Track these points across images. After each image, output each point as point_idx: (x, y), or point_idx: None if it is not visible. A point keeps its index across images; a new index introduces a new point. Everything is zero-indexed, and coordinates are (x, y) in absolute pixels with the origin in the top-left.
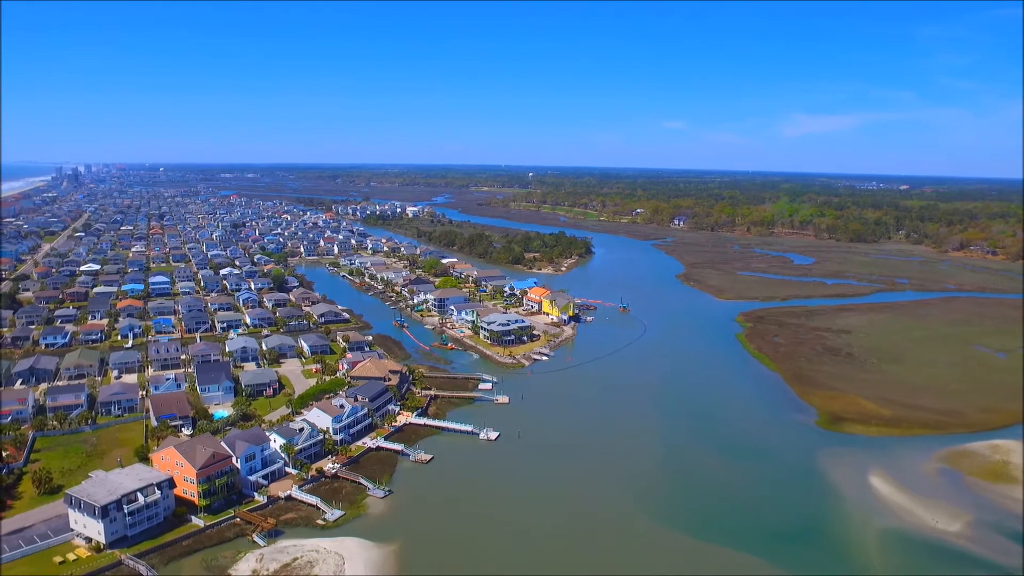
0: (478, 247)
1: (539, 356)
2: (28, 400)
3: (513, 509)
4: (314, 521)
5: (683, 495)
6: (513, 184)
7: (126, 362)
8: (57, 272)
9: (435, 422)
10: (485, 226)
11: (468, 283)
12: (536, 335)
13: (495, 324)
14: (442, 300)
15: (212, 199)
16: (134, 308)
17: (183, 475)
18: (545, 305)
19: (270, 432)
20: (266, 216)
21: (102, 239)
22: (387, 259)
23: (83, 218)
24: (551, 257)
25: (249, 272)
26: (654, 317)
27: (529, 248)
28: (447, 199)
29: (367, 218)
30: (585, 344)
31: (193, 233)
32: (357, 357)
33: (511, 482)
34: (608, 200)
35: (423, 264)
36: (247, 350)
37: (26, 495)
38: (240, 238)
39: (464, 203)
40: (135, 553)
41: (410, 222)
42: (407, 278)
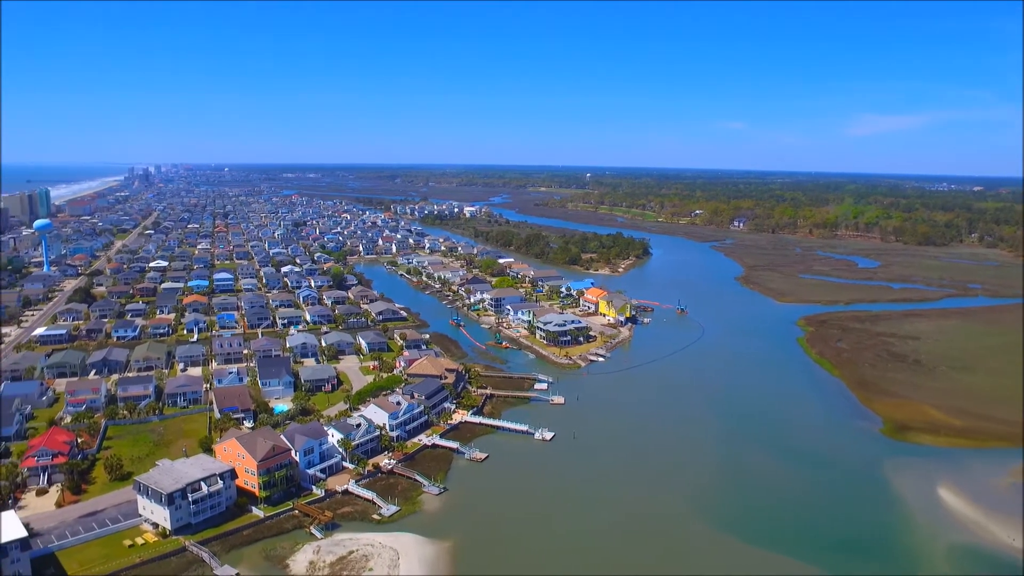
0: (535, 247)
1: (595, 357)
2: (101, 390)
3: (567, 509)
4: (370, 516)
5: (739, 499)
6: (571, 184)
7: (191, 355)
8: (128, 268)
9: (490, 421)
10: (542, 226)
11: (525, 283)
12: (592, 336)
13: (551, 324)
14: (499, 300)
15: (274, 198)
16: (199, 304)
17: (244, 466)
18: (602, 306)
19: (328, 427)
20: (326, 215)
21: (170, 237)
22: (444, 258)
23: (153, 216)
24: (608, 258)
25: (309, 270)
26: (712, 320)
27: (586, 249)
28: (504, 199)
29: (425, 218)
30: (642, 346)
31: (256, 231)
32: (414, 355)
33: (565, 482)
34: (666, 201)
35: (480, 264)
36: (307, 346)
37: (99, 480)
38: (301, 237)
39: (521, 203)
40: (198, 540)
41: (467, 222)
42: (464, 277)
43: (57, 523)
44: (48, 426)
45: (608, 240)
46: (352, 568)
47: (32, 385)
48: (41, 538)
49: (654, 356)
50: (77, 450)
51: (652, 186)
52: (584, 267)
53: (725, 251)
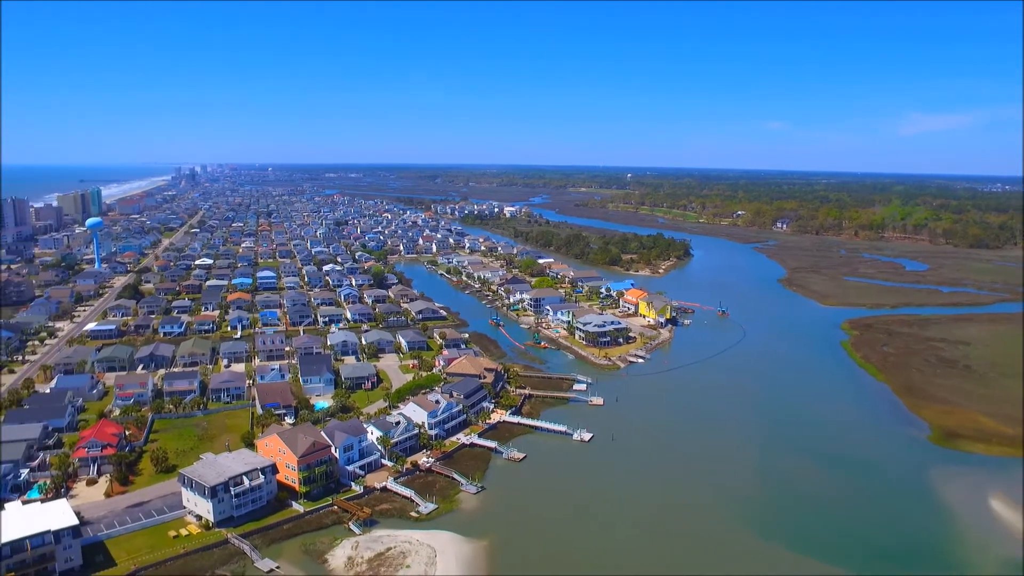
0: (575, 248)
1: (635, 358)
2: (148, 384)
3: (604, 511)
4: (408, 513)
5: (781, 505)
6: (611, 185)
7: (235, 352)
8: (175, 266)
9: (529, 421)
10: (582, 227)
11: (564, 283)
12: (632, 337)
13: (591, 325)
14: (538, 300)
15: (317, 198)
16: (243, 301)
17: (285, 462)
18: (642, 307)
19: (368, 424)
20: (367, 215)
21: (215, 235)
22: (484, 258)
23: (198, 215)
24: (648, 259)
25: (351, 269)
26: (754, 322)
27: (626, 249)
28: (544, 199)
29: (465, 217)
30: (682, 348)
31: (298, 230)
32: (453, 354)
33: (603, 484)
34: (708, 202)
35: (520, 264)
36: (347, 344)
37: (146, 472)
38: (342, 236)
39: (561, 204)
40: (240, 533)
41: (507, 222)
42: (503, 277)
43: (106, 512)
44: (98, 418)
45: (648, 241)
46: (390, 564)
47: (83, 378)
48: (91, 526)
49: (694, 358)
50: (125, 442)
51: (693, 187)
52: (624, 268)
53: (767, 253)
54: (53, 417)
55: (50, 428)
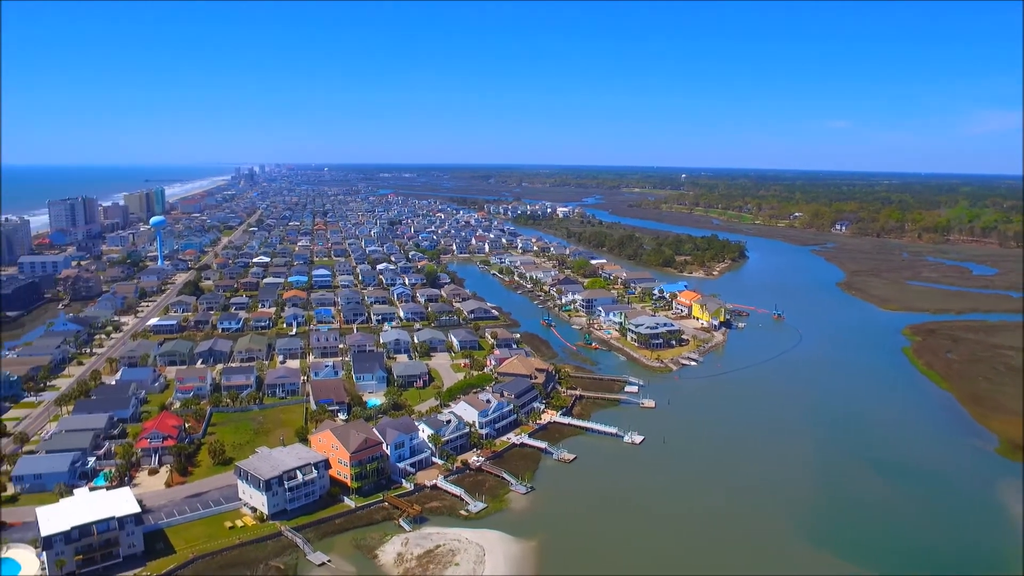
0: (627, 248)
1: (687, 361)
2: (207, 378)
3: (654, 514)
4: (457, 511)
5: (836, 515)
6: (665, 186)
7: (290, 348)
8: (233, 263)
9: (580, 422)
10: (635, 227)
11: (617, 284)
12: (685, 339)
13: (643, 327)
14: (590, 301)
15: (371, 197)
16: (298, 299)
17: (337, 457)
18: (695, 309)
19: (419, 422)
20: (421, 214)
21: (272, 234)
22: (536, 258)
23: (256, 214)
24: (703, 260)
25: (404, 268)
26: (810, 326)
27: (680, 251)
28: (597, 200)
29: (518, 218)
30: (736, 351)
31: (353, 229)
32: (504, 354)
33: (654, 487)
34: (764, 203)
35: (572, 264)
36: (400, 342)
37: (203, 464)
38: (396, 235)
39: (614, 204)
40: (293, 526)
41: (560, 222)
42: (556, 278)
43: (166, 501)
44: (159, 410)
45: (703, 242)
46: (439, 562)
47: (146, 371)
48: (152, 514)
49: (748, 362)
50: (185, 434)
51: (749, 188)
52: (677, 269)
53: (826, 255)
54: (118, 408)
55: (115, 419)
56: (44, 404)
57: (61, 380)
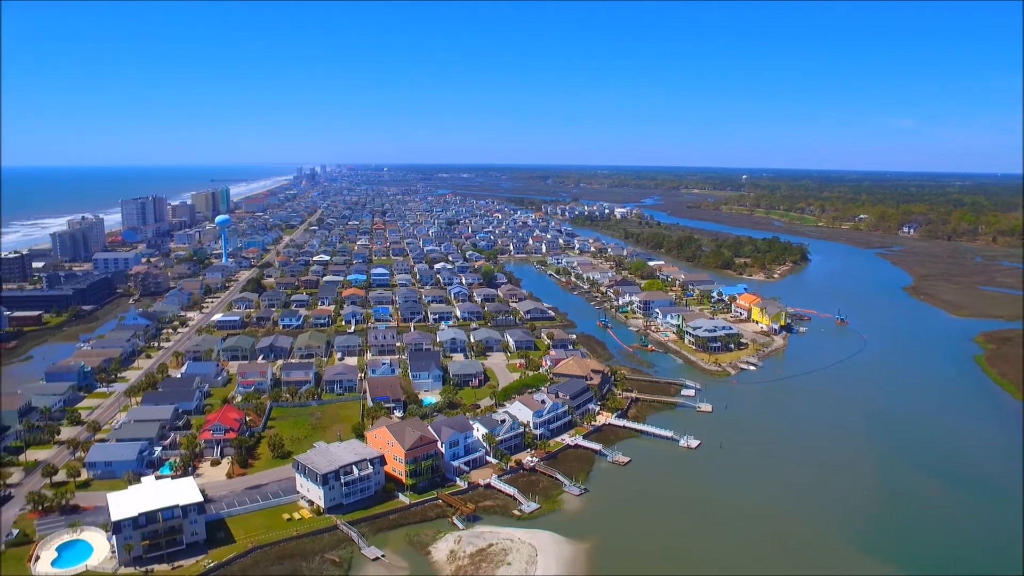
0: (686, 250)
1: (746, 365)
2: (267, 374)
3: (709, 520)
4: (510, 511)
5: (897, 526)
6: (725, 187)
7: (348, 345)
8: (294, 261)
9: (635, 425)
10: (694, 229)
11: (674, 286)
12: (744, 343)
13: (701, 329)
14: (647, 302)
15: (430, 197)
16: (357, 297)
17: (393, 454)
18: (755, 313)
19: (473, 421)
20: (479, 214)
21: (332, 233)
22: (593, 259)
23: (317, 213)
24: (763, 263)
25: (461, 267)
26: (875, 331)
27: (740, 253)
28: (656, 201)
29: (575, 218)
30: (796, 356)
31: (411, 229)
32: (560, 354)
33: (709, 493)
34: (828, 205)
35: (629, 265)
36: (456, 341)
37: (263, 457)
38: (454, 235)
39: (673, 205)
40: (348, 520)
41: (618, 223)
42: (613, 279)
43: (227, 492)
44: (222, 403)
45: (763, 244)
46: (491, 561)
47: (210, 365)
48: (214, 504)
49: (809, 367)
50: (245, 427)
51: (812, 189)
52: (737, 272)
53: (892, 259)
54: (183, 400)
55: (180, 410)
56: (115, 395)
57: (131, 372)
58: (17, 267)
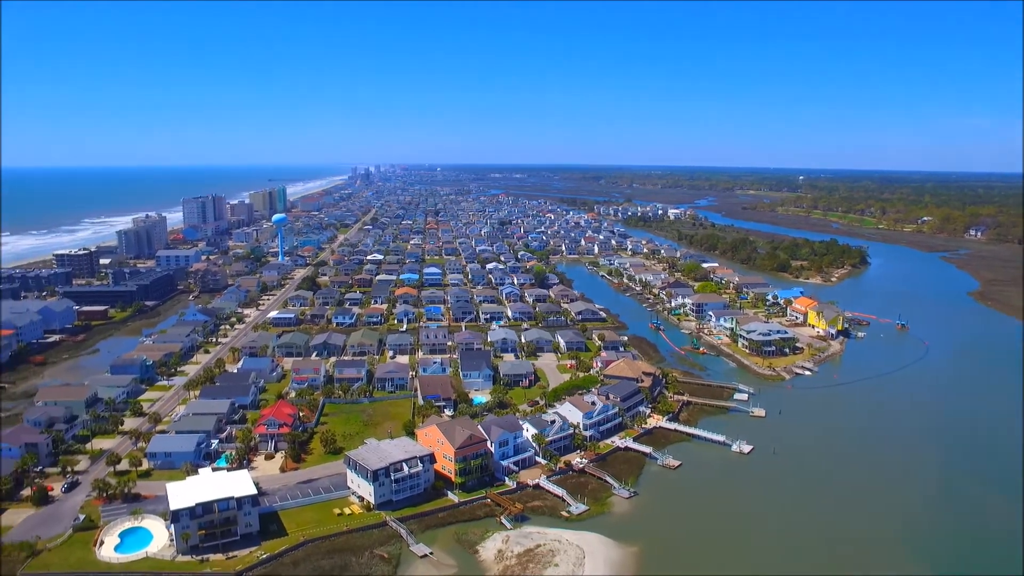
0: (741, 252)
1: (801, 370)
2: (321, 370)
3: (761, 527)
4: (559, 512)
5: (958, 541)
6: (781, 188)
7: (400, 344)
8: (348, 260)
9: (686, 428)
10: (749, 231)
11: (728, 289)
12: (799, 348)
13: (755, 333)
14: (700, 305)
15: (482, 197)
16: (409, 296)
17: (443, 452)
18: (811, 317)
19: (523, 421)
20: (531, 215)
21: (386, 232)
22: (646, 261)
23: (371, 213)
24: (820, 266)
25: (513, 268)
26: (938, 338)
27: (796, 255)
28: (710, 202)
29: (628, 219)
30: (854, 362)
31: (464, 229)
32: (611, 356)
33: (762, 499)
34: (888, 206)
35: (682, 267)
36: (507, 341)
37: (316, 452)
38: (506, 235)
39: (728, 206)
40: (398, 517)
41: (671, 224)
42: (665, 280)
43: (280, 486)
44: (276, 399)
45: (821, 247)
46: (538, 561)
47: (265, 361)
48: (267, 497)
49: (867, 374)
50: (299, 422)
51: (872, 190)
52: (793, 275)
53: (957, 263)
54: (239, 395)
55: (236, 405)
56: (175, 388)
57: (190, 366)
58: (86, 263)
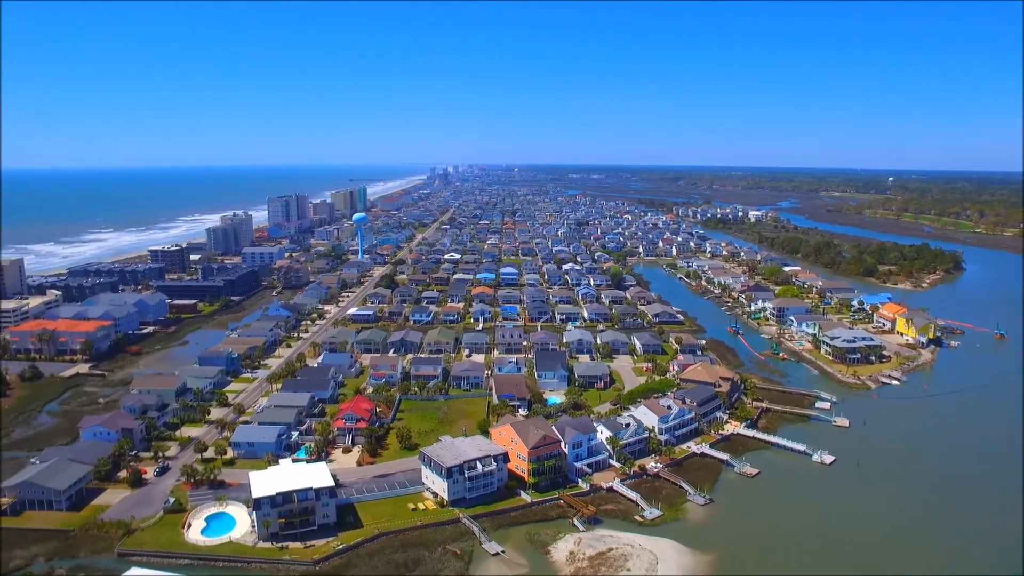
0: (825, 256)
1: (888, 379)
2: (398, 367)
3: (841, 543)
4: (632, 516)
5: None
6: (869, 189)
7: (476, 343)
8: (426, 259)
9: (765, 436)
10: (834, 234)
11: (811, 293)
12: (886, 356)
13: (839, 339)
14: (781, 309)
15: (559, 198)
16: (486, 295)
17: (516, 452)
18: (900, 324)
19: (598, 423)
20: (608, 215)
21: (463, 232)
22: (725, 263)
23: (449, 212)
24: (910, 271)
25: (589, 269)
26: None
27: (884, 260)
28: (792, 204)
29: (707, 221)
30: (946, 372)
31: (541, 229)
32: (688, 360)
33: (843, 512)
34: (987, 209)
35: (763, 271)
36: (582, 342)
37: (391, 447)
38: (583, 236)
39: (811, 208)
40: (470, 514)
41: (752, 227)
42: (745, 284)
43: (356, 479)
44: (354, 394)
45: (911, 251)
46: (610, 565)
47: (344, 357)
48: (344, 489)
49: (961, 385)
50: (375, 418)
51: (969, 192)
52: (881, 280)
53: None
54: (319, 389)
55: (316, 398)
56: (258, 381)
57: (272, 360)
58: (178, 259)
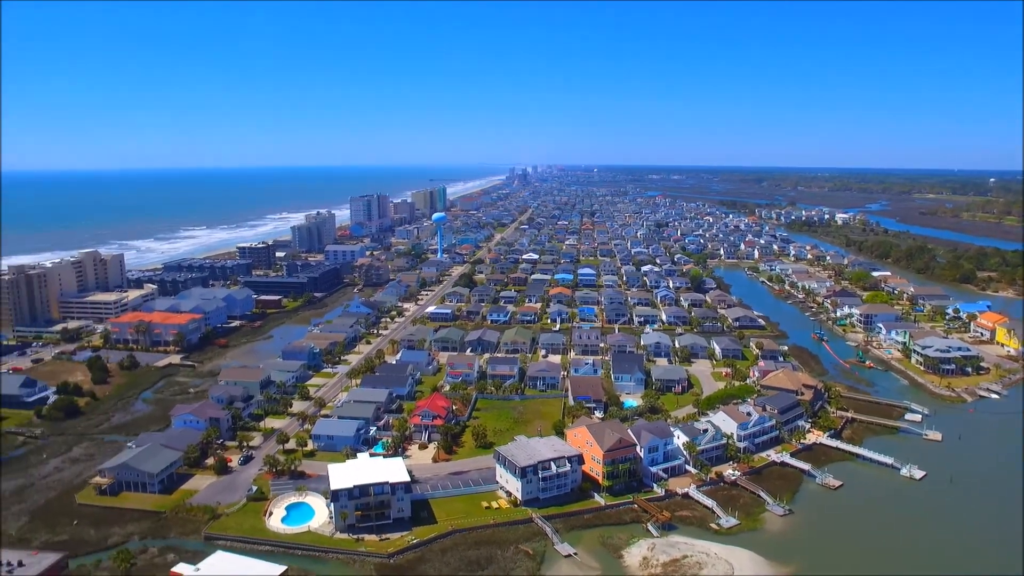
0: (917, 261)
1: (987, 393)
2: (475, 366)
3: (929, 563)
4: (707, 524)
5: None
6: (967, 191)
7: (553, 343)
8: (504, 259)
9: (849, 447)
10: (927, 238)
11: (902, 300)
12: (984, 367)
13: (932, 349)
14: (869, 316)
15: (639, 199)
16: (563, 296)
17: (591, 454)
18: (1000, 334)
19: (674, 428)
20: (688, 217)
21: (542, 232)
22: (810, 267)
23: (528, 213)
24: (1013, 278)
25: (668, 271)
26: None
27: (983, 266)
28: (882, 206)
29: (791, 223)
30: None
31: (619, 230)
32: (769, 366)
33: (933, 531)
34: None
35: (850, 275)
36: (660, 346)
37: (467, 445)
38: (662, 237)
39: (903, 211)
40: (543, 515)
41: (838, 229)
42: (831, 289)
43: (431, 475)
44: (431, 391)
45: (1014, 257)
46: (685, 573)
47: (422, 354)
48: (419, 485)
49: None
50: (452, 415)
51: None
52: (979, 287)
53: None
54: (397, 385)
55: (394, 395)
56: (338, 376)
57: (352, 356)
58: (264, 256)
